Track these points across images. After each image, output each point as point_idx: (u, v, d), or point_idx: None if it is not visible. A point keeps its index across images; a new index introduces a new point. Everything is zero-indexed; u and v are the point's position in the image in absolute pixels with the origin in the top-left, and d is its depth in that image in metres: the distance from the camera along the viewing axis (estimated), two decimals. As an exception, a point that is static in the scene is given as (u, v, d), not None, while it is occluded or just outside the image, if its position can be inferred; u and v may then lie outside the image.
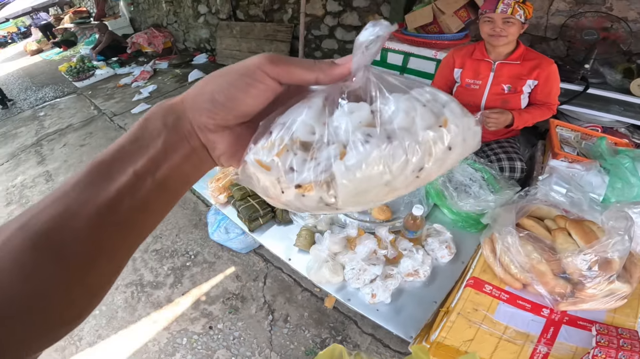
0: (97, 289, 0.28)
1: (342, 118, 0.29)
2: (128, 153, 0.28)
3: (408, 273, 1.28)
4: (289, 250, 1.48)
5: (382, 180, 0.28)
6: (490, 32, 1.71)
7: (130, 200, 0.27)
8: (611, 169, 1.48)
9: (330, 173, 0.28)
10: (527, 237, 1.13)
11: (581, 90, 2.25)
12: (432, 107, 0.29)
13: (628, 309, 1.10)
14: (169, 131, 0.29)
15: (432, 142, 0.28)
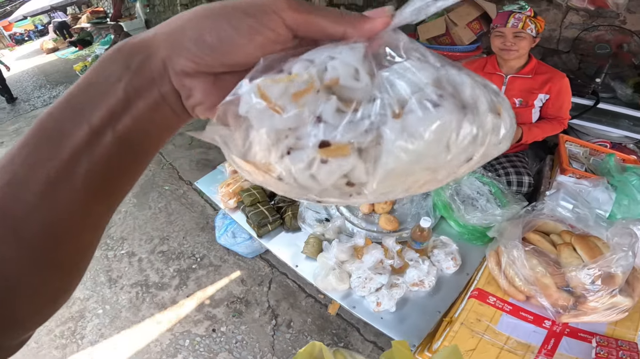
0: (70, 267, 0.25)
1: (401, 73, 0.22)
2: (80, 103, 0.23)
3: (413, 283, 1.30)
4: (297, 257, 1.50)
5: (434, 161, 0.22)
6: (501, 45, 1.72)
7: (88, 161, 0.22)
8: (618, 186, 1.48)
9: (377, 135, 0.21)
10: (532, 251, 1.15)
11: (591, 104, 2.24)
12: (489, 87, 0.25)
13: (629, 322, 1.12)
14: (132, 74, 0.23)
15: (490, 129, 0.23)
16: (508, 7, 1.71)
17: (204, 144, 3.87)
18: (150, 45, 0.23)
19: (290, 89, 0.21)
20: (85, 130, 0.22)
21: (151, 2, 7.39)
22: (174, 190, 3.22)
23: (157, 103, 0.24)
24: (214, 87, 0.25)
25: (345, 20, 0.24)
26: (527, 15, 1.64)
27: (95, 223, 0.25)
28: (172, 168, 3.56)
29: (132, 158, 0.25)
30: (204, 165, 3.47)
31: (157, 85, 0.24)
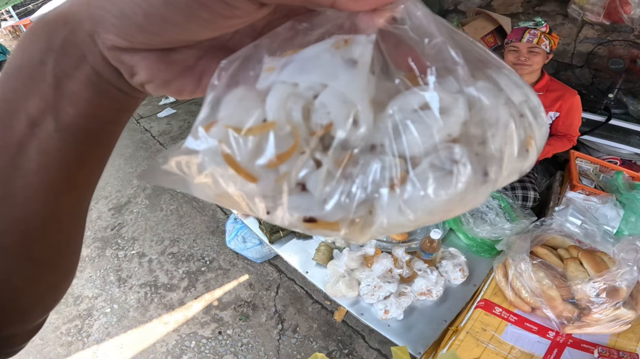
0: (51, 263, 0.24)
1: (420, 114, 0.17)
2: (13, 90, 0.19)
3: (421, 292, 1.32)
4: (307, 263, 1.53)
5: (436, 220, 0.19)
6: (515, 60, 1.74)
7: (37, 154, 0.20)
8: (626, 203, 1.50)
9: (371, 206, 0.17)
10: (539, 264, 1.18)
11: (603, 120, 2.25)
12: (527, 116, 0.19)
13: (631, 334, 1.15)
14: (57, 54, 0.19)
15: (510, 173, 0.19)
16: (524, 24, 1.74)
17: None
18: (70, 18, 0.19)
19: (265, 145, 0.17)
20: (24, 122, 0.19)
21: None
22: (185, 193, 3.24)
23: (94, 83, 0.20)
24: (162, 61, 0.20)
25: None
26: (542, 31, 1.66)
27: (66, 217, 0.23)
28: None
29: (88, 146, 0.22)
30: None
31: (88, 62, 0.19)
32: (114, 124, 0.23)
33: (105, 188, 3.45)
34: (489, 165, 0.18)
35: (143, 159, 3.82)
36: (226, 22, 0.18)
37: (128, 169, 3.69)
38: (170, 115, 4.71)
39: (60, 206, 0.22)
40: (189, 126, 4.45)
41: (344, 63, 0.17)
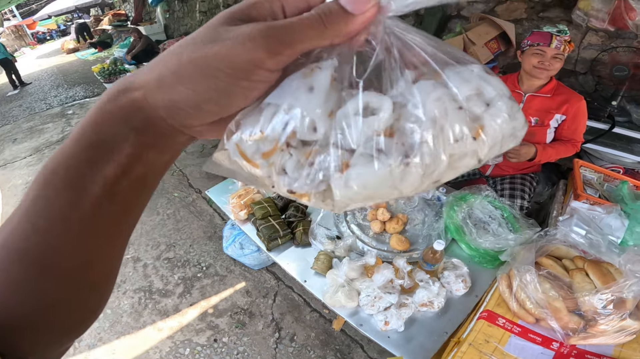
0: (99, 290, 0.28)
1: (354, 118, 0.24)
2: (90, 160, 0.24)
3: (422, 303, 1.28)
4: (305, 272, 1.49)
5: (384, 197, 0.25)
6: (538, 64, 1.70)
7: (109, 208, 0.25)
8: (631, 213, 1.47)
9: (328, 185, 0.24)
10: (545, 275, 1.16)
11: (607, 128, 2.22)
12: (471, 108, 0.24)
13: (636, 344, 1.12)
14: (138, 133, 0.24)
15: (459, 157, 0.24)
16: (548, 29, 1.71)
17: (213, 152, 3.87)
18: (144, 105, 0.24)
19: (260, 148, 0.25)
20: (100, 185, 0.24)
21: (171, 8, 7.52)
22: (183, 197, 3.23)
23: (167, 147, 0.27)
24: (217, 125, 0.27)
25: (331, 31, 0.23)
26: (566, 39, 1.65)
27: (117, 252, 0.28)
28: (183, 175, 3.57)
29: (146, 191, 0.28)
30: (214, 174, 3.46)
31: (169, 137, 0.26)
32: (166, 168, 0.29)
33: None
34: (410, 152, 0.23)
35: None
36: (263, 90, 0.25)
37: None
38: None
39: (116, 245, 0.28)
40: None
41: (306, 89, 0.24)
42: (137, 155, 0.25)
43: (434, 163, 0.23)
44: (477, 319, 1.21)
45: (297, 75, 0.25)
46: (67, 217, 0.24)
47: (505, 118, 0.24)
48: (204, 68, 0.23)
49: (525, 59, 1.76)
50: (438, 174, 0.24)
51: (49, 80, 8.01)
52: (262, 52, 0.22)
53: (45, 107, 6.23)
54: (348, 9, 0.23)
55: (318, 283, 1.45)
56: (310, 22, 0.23)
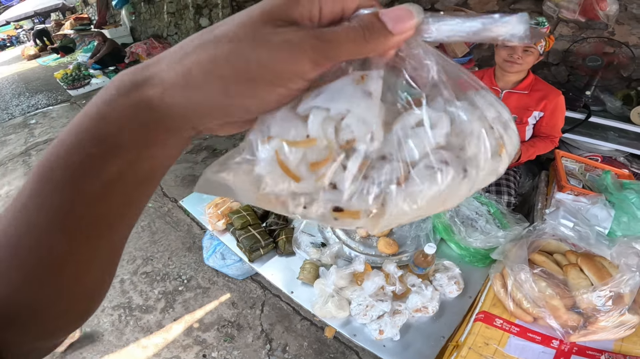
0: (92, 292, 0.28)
1: (416, 130, 0.23)
2: (94, 156, 0.22)
3: (416, 309, 1.25)
4: (292, 283, 1.43)
5: (430, 213, 0.25)
6: (508, 57, 1.66)
7: (110, 204, 0.24)
8: (617, 203, 1.47)
9: (383, 199, 0.23)
10: (540, 274, 1.13)
11: (583, 118, 2.25)
12: (497, 129, 0.25)
13: (635, 337, 1.12)
14: (148, 130, 0.23)
15: (489, 173, 0.25)
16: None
17: (190, 158, 3.75)
18: (160, 105, 0.22)
19: (308, 157, 0.22)
20: (103, 181, 0.23)
21: (137, 10, 7.26)
22: (157, 207, 3.07)
23: (177, 145, 0.25)
24: (232, 124, 0.26)
25: (373, 42, 0.22)
26: (542, 32, 1.61)
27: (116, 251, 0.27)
28: None
29: (150, 186, 0.26)
30: (190, 181, 3.34)
31: (181, 136, 0.25)
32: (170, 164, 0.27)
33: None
34: (467, 165, 0.24)
35: None
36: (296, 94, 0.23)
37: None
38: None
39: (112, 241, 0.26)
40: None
41: (363, 94, 0.23)
42: (144, 151, 0.23)
43: (477, 177, 0.25)
44: (474, 322, 1.18)
45: (346, 81, 0.23)
46: (65, 215, 0.23)
47: (516, 136, 0.27)
48: (244, 72, 0.21)
49: (497, 52, 1.73)
50: (476, 188, 0.26)
51: (10, 88, 7.59)
52: (308, 64, 0.21)
53: (7, 117, 5.88)
54: (389, 27, 0.22)
55: (306, 293, 1.39)
56: (355, 36, 0.22)
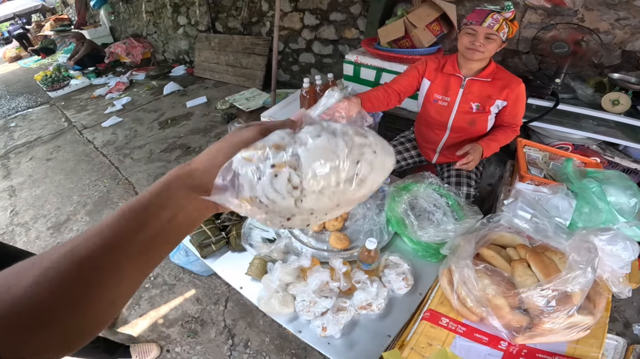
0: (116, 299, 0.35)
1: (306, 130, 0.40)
2: (157, 207, 0.37)
3: (361, 306, 1.19)
4: (242, 278, 1.38)
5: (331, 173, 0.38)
6: (469, 45, 1.59)
7: (158, 240, 0.37)
8: (578, 192, 1.41)
9: (296, 155, 0.37)
10: (484, 270, 1.06)
11: (551, 106, 2.20)
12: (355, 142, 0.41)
13: (592, 339, 1.05)
14: (188, 190, 0.39)
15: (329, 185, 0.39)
16: (489, 5, 1.58)
17: (164, 157, 3.70)
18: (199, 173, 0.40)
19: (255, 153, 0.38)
20: (161, 221, 0.37)
21: (116, 10, 7.16)
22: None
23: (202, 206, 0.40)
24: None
25: (287, 125, 0.44)
26: (506, 17, 1.52)
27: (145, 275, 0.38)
28: (129, 183, 3.35)
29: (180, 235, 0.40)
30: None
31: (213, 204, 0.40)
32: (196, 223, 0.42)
33: (44, 207, 3.20)
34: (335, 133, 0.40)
35: (85, 173, 3.55)
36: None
37: (68, 184, 3.42)
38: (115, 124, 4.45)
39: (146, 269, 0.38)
40: (135, 135, 4.21)
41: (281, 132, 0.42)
42: (184, 206, 0.38)
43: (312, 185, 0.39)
44: (420, 321, 1.13)
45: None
46: (131, 239, 0.35)
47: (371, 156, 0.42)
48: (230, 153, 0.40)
49: (459, 39, 1.65)
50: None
51: (-9, 92, 7.47)
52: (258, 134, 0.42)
53: (-13, 121, 5.78)
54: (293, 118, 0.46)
55: (255, 288, 1.34)
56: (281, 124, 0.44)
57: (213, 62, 5.52)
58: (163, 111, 4.83)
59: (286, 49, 4.67)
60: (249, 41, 4.95)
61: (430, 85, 1.80)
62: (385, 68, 2.62)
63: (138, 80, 6.01)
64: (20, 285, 0.30)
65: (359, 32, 3.81)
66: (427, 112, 1.86)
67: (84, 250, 0.33)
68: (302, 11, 4.19)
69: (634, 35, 2.29)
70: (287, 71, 4.95)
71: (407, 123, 2.73)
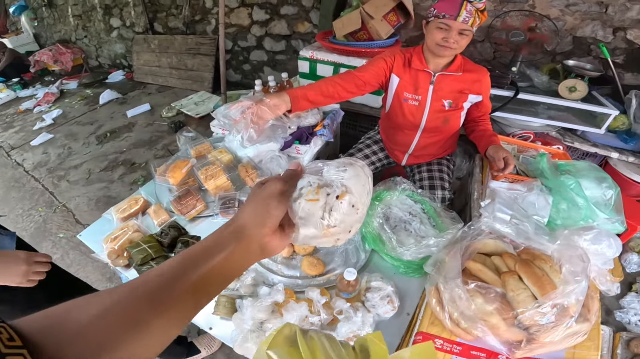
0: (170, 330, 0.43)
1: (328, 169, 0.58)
2: (210, 252, 0.47)
3: (348, 338, 1.07)
4: (209, 317, 1.21)
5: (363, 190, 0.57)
6: (441, 42, 1.44)
7: (210, 280, 0.46)
8: (554, 188, 1.37)
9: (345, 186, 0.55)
10: (475, 289, 0.99)
11: (511, 95, 2.18)
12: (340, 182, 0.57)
13: (589, 342, 1.03)
14: (237, 241, 0.49)
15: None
16: None
17: (105, 177, 3.33)
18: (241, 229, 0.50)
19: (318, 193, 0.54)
20: (213, 263, 0.46)
21: (39, 15, 6.49)
22: (70, 237, 2.66)
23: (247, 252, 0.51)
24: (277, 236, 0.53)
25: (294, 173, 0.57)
26: (478, 7, 1.37)
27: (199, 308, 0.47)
28: (67, 210, 2.96)
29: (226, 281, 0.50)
30: (106, 203, 2.94)
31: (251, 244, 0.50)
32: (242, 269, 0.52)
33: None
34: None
35: (16, 201, 3.09)
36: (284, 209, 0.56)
37: (-3, 216, 2.99)
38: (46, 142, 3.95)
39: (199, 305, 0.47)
40: (70, 153, 3.75)
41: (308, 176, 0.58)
42: (234, 256, 0.48)
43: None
44: (413, 345, 1.03)
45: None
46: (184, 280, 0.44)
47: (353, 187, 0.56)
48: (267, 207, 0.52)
49: (428, 32, 1.48)
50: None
51: None
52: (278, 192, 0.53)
53: None
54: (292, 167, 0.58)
55: (226, 327, 1.17)
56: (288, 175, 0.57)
57: (154, 66, 5.13)
58: (100, 123, 4.33)
59: (235, 47, 4.42)
60: (193, 41, 4.64)
61: (400, 82, 1.65)
62: (343, 64, 2.49)
63: (70, 90, 5.41)
64: (90, 313, 0.38)
65: (313, 25, 3.67)
66: (396, 112, 1.72)
67: (147, 286, 0.42)
68: (250, 6, 3.97)
69: (584, 22, 2.32)
70: (238, 71, 4.70)
71: (370, 121, 2.63)
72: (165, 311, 0.41)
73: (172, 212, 1.52)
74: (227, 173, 1.59)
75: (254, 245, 0.50)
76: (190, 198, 1.50)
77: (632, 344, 1.74)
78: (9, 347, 0.31)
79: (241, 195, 1.52)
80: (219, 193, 1.54)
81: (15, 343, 0.32)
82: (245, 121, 1.32)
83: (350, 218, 0.53)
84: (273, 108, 1.35)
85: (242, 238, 0.49)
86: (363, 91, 1.62)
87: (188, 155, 1.84)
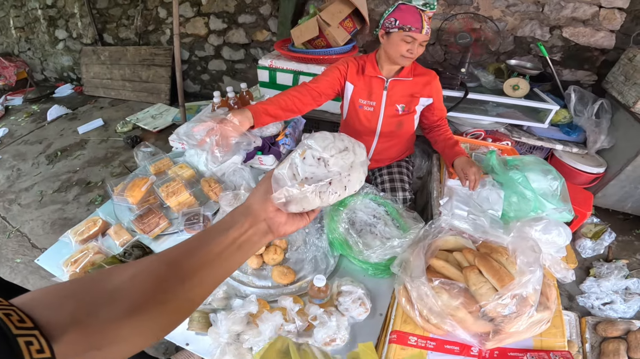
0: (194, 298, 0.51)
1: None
2: (224, 227, 0.55)
3: (325, 343, 1.10)
4: (185, 333, 1.19)
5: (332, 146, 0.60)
6: (407, 54, 1.49)
7: (224, 253, 0.53)
8: (504, 183, 1.47)
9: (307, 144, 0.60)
10: (440, 286, 1.04)
11: (462, 96, 2.31)
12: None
13: (554, 329, 1.11)
14: (247, 218, 0.56)
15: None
16: (416, 1, 1.44)
17: (59, 198, 3.15)
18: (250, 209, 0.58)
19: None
20: (227, 239, 0.54)
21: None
22: (27, 262, 2.52)
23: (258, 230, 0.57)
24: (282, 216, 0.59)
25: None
26: (430, 16, 1.44)
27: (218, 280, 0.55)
28: (22, 234, 2.80)
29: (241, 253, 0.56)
30: (62, 225, 2.81)
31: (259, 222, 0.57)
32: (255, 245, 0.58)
33: None
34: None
35: None
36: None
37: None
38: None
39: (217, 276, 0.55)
40: (19, 175, 3.54)
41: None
42: (244, 231, 0.55)
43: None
44: (389, 344, 1.09)
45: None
46: (205, 249, 0.52)
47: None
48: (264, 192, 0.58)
49: (391, 43, 1.51)
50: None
51: None
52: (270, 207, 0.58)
53: None
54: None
55: (203, 342, 1.17)
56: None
57: (106, 78, 4.94)
58: (50, 141, 4.09)
59: (192, 57, 4.35)
60: (146, 52, 4.51)
61: (354, 90, 1.71)
62: (303, 71, 2.53)
63: (15, 106, 5.10)
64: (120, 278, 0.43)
65: (271, 33, 3.68)
66: (353, 118, 1.79)
67: (170, 254, 0.50)
68: (207, 15, 3.92)
69: (523, 21, 2.49)
70: (196, 81, 4.62)
71: (331, 127, 2.69)
72: (187, 279, 0.47)
73: (135, 232, 1.47)
74: (189, 188, 1.55)
75: (261, 221, 0.56)
76: (153, 217, 1.47)
77: (599, 327, 1.80)
78: (20, 328, 0.31)
79: (205, 210, 1.50)
80: (183, 209, 1.52)
81: (26, 324, 0.32)
82: (210, 142, 1.32)
83: (320, 171, 0.57)
84: (237, 127, 1.34)
85: (249, 213, 0.56)
86: (319, 102, 1.65)
87: (147, 171, 1.78)
